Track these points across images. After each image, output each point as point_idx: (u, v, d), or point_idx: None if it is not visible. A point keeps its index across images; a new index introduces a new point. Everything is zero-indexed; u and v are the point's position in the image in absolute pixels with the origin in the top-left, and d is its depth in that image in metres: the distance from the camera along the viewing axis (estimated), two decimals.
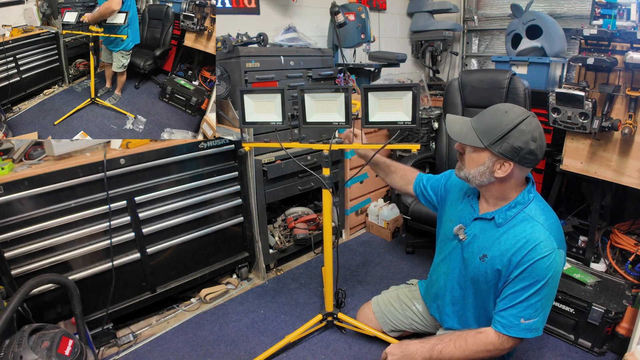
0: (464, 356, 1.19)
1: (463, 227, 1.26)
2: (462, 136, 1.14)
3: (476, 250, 1.21)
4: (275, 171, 2.07)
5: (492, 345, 1.16)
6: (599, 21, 1.70)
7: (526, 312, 1.11)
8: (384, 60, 2.67)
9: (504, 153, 1.07)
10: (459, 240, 1.27)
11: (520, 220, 1.13)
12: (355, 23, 2.53)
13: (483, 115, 1.14)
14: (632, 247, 1.93)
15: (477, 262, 1.20)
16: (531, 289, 1.09)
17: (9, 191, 1.40)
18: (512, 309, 1.12)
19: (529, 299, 1.10)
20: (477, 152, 1.12)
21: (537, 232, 1.09)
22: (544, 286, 1.08)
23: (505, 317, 1.14)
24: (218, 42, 1.97)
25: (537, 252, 1.07)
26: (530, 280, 1.09)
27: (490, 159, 1.10)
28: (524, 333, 1.12)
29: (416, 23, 3.28)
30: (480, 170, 1.12)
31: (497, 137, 1.07)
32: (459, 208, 1.32)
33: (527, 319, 1.11)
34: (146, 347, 1.73)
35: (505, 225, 1.15)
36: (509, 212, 1.16)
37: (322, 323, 1.72)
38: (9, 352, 1.18)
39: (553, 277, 1.09)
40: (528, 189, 1.17)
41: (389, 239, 2.64)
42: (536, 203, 1.16)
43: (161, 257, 1.85)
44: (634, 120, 1.62)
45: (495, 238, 1.16)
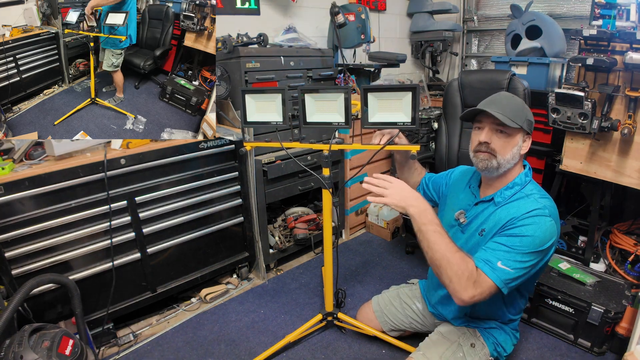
0: (442, 257, 1.08)
1: (464, 212, 1.32)
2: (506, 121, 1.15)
3: (475, 228, 1.26)
4: (276, 171, 2.07)
5: (468, 271, 1.07)
6: (599, 21, 1.70)
7: (505, 256, 1.08)
8: (384, 60, 2.68)
9: (527, 128, 1.20)
10: (460, 224, 1.32)
11: (517, 198, 1.20)
12: (355, 23, 2.53)
13: (500, 103, 1.20)
14: (632, 247, 1.94)
15: (476, 238, 1.25)
16: (515, 239, 1.09)
17: (9, 191, 1.40)
18: (493, 249, 1.11)
19: (512, 247, 1.08)
20: (513, 134, 1.19)
21: (531, 202, 1.15)
22: (529, 242, 1.07)
23: (486, 252, 1.11)
24: (218, 42, 1.97)
25: (529, 214, 1.12)
26: (516, 231, 1.11)
27: (521, 138, 1.20)
28: (495, 277, 1.06)
29: (416, 23, 3.29)
30: (514, 152, 1.19)
31: (522, 116, 1.18)
32: (461, 197, 1.38)
33: (504, 264, 1.07)
34: (146, 346, 1.73)
35: (503, 204, 1.21)
36: (506, 192, 1.22)
37: (322, 323, 1.73)
38: (10, 352, 1.18)
39: (540, 238, 1.08)
40: (525, 172, 1.24)
41: (388, 239, 2.64)
42: (533, 184, 1.23)
43: (161, 257, 1.85)
44: (634, 120, 1.62)
45: (493, 213, 1.22)
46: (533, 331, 1.76)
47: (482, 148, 1.21)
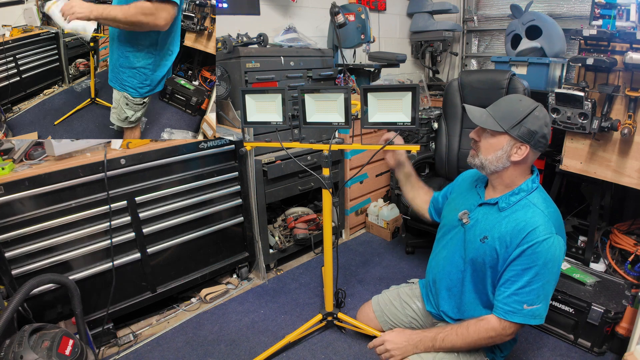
0: (465, 343, 1.19)
1: (467, 212, 1.31)
2: (482, 121, 1.19)
3: (478, 233, 1.25)
4: (276, 171, 2.07)
5: (493, 331, 1.16)
6: (599, 21, 1.70)
7: (528, 297, 1.12)
8: (384, 60, 2.68)
9: (522, 136, 1.14)
10: (462, 225, 1.31)
11: (522, 206, 1.18)
12: (355, 23, 2.53)
13: (499, 104, 1.20)
14: (632, 247, 1.94)
15: (477, 244, 1.24)
16: (531, 272, 1.11)
17: (9, 191, 1.40)
18: (515, 295, 1.13)
19: (530, 284, 1.11)
20: (496, 137, 1.18)
21: (537, 217, 1.14)
22: (544, 270, 1.10)
23: (508, 304, 1.14)
24: (218, 42, 1.97)
25: (536, 235, 1.11)
26: (529, 262, 1.11)
27: (509, 143, 1.17)
28: (527, 319, 1.13)
29: (416, 23, 3.29)
30: (498, 155, 1.18)
31: (516, 121, 1.15)
32: (466, 197, 1.38)
33: (530, 304, 1.12)
34: (146, 346, 1.73)
35: (507, 210, 1.20)
36: (512, 198, 1.21)
37: (322, 323, 1.73)
38: (10, 352, 1.18)
39: (553, 261, 1.11)
40: (532, 179, 1.22)
41: (388, 239, 2.64)
42: (539, 192, 1.22)
43: (161, 257, 1.85)
44: (634, 120, 1.62)
45: (497, 221, 1.21)
46: (533, 331, 1.76)
47: (471, 144, 1.26)
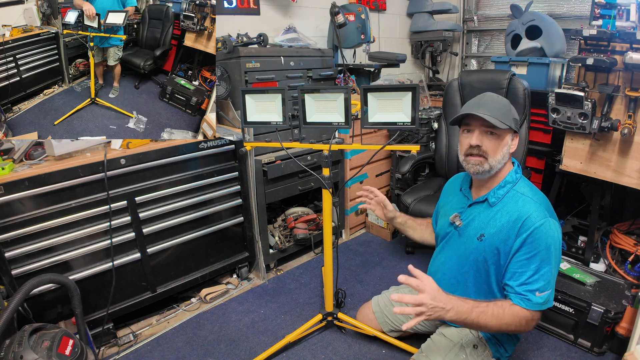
0: (497, 325, 1.14)
1: (458, 215, 1.32)
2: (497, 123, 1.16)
3: (473, 232, 1.26)
4: (276, 171, 2.07)
5: (525, 319, 1.15)
6: (599, 21, 1.70)
7: (539, 284, 1.13)
8: (384, 60, 2.68)
9: (515, 127, 1.20)
10: (456, 227, 1.32)
11: (511, 197, 1.21)
12: (355, 23, 2.53)
13: (486, 105, 1.20)
14: (632, 247, 1.94)
15: (475, 243, 1.24)
16: (536, 260, 1.13)
17: (9, 191, 1.40)
18: (527, 285, 1.14)
19: (538, 271, 1.13)
20: (502, 135, 1.19)
21: (528, 205, 1.16)
22: (547, 255, 1.12)
23: (525, 295, 1.15)
24: (218, 42, 1.97)
25: (532, 222, 1.13)
26: (532, 250, 1.13)
27: (510, 137, 1.21)
28: (543, 306, 1.15)
29: (416, 23, 3.29)
30: (504, 152, 1.20)
31: (509, 115, 1.19)
32: (454, 201, 1.39)
33: (542, 291, 1.13)
34: (146, 346, 1.73)
35: (498, 204, 1.22)
36: (499, 191, 1.23)
37: (322, 323, 1.73)
38: (10, 352, 1.18)
39: (554, 244, 1.13)
40: (515, 170, 1.25)
41: (388, 239, 2.64)
42: (524, 181, 1.25)
43: (161, 257, 1.85)
44: (634, 120, 1.62)
45: (491, 217, 1.22)
46: (533, 331, 1.76)
47: (474, 151, 1.20)
